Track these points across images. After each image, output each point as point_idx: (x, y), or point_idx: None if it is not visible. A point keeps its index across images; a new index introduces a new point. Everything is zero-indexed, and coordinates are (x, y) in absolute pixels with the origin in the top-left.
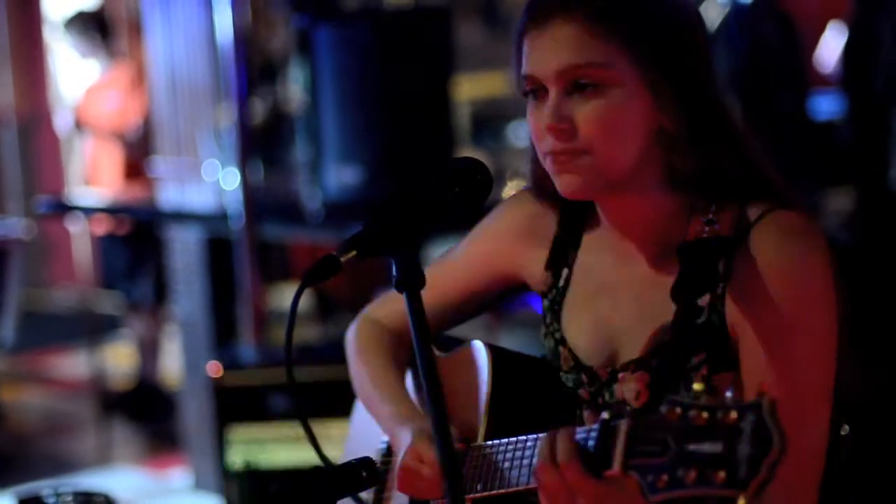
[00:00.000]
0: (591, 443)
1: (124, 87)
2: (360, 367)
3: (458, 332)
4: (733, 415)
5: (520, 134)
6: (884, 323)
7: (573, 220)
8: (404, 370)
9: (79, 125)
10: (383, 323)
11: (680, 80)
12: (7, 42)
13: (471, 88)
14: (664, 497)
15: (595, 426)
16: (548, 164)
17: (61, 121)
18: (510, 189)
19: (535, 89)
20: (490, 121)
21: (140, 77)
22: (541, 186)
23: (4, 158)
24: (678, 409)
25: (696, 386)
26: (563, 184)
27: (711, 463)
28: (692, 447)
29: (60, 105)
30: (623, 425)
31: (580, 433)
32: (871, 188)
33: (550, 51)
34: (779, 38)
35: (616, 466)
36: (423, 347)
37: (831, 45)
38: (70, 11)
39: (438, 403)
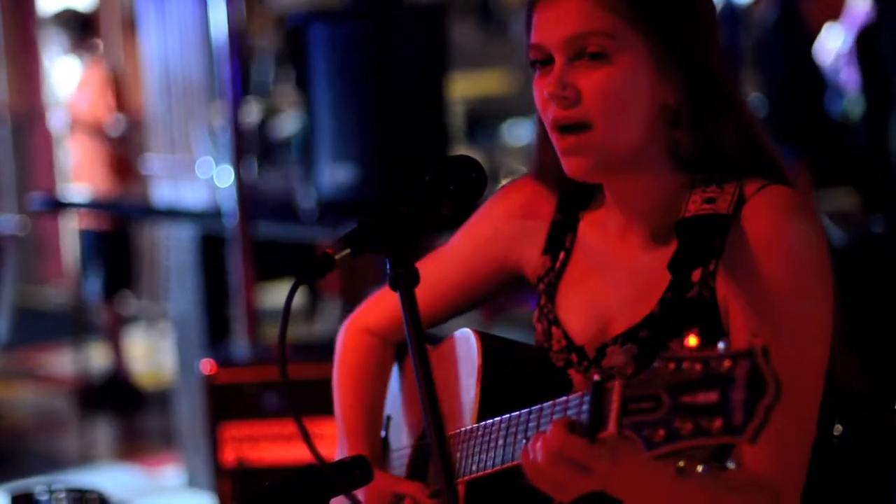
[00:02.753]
0: (584, 406)
1: (96, 85)
2: (336, 391)
3: (450, 328)
4: (727, 363)
5: (514, 133)
6: (885, 322)
7: (571, 204)
8: (382, 390)
9: (72, 123)
10: (372, 328)
11: (685, 56)
12: (1, 39)
13: (465, 87)
14: (662, 451)
15: (587, 391)
16: (554, 140)
17: (56, 119)
18: None
19: (542, 60)
20: (484, 119)
21: (111, 75)
22: (543, 168)
23: None
24: (671, 364)
25: (691, 340)
26: (571, 166)
27: (707, 412)
28: (687, 399)
29: (54, 102)
30: (616, 385)
31: (573, 400)
32: (874, 188)
33: (558, 20)
34: (793, 38)
35: (611, 426)
36: (418, 345)
37: (828, 45)
38: (58, 7)
39: (433, 403)
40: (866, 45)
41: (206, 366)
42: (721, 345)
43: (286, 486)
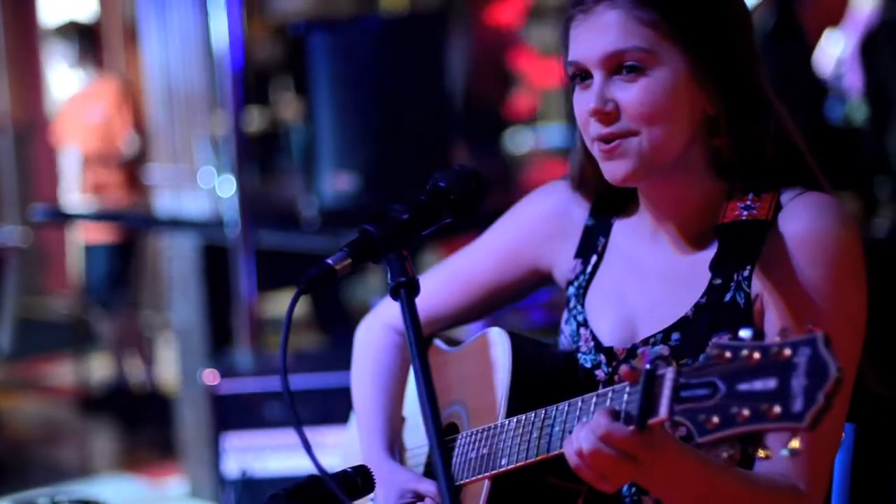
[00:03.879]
0: (631, 396)
1: (112, 99)
2: (355, 386)
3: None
4: (787, 351)
5: (515, 141)
6: (889, 326)
7: (605, 209)
8: (401, 387)
9: (86, 158)
10: (392, 324)
11: (723, 66)
12: (3, 49)
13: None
14: (716, 438)
15: (637, 381)
16: (595, 151)
17: (68, 159)
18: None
19: (580, 75)
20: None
21: (128, 90)
22: (581, 176)
23: (0, 166)
24: (727, 353)
25: (744, 332)
26: (611, 170)
27: (765, 399)
28: (743, 387)
29: (55, 114)
30: (669, 373)
31: (617, 389)
32: (877, 192)
33: (595, 37)
34: (794, 45)
35: (663, 413)
36: (419, 352)
37: (828, 52)
38: (61, 19)
39: (434, 409)
40: (869, 50)
41: (209, 376)
42: (777, 336)
43: (289, 497)
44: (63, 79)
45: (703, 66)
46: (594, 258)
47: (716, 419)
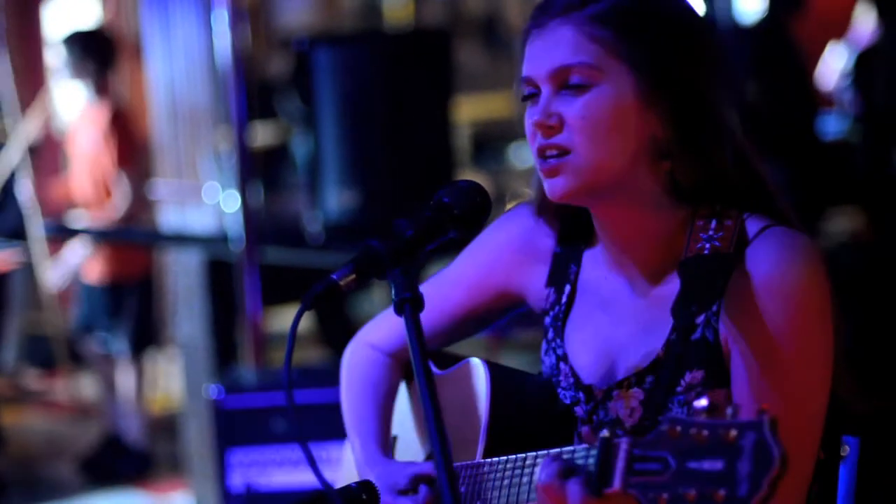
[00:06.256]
0: (591, 461)
1: (102, 127)
2: (345, 401)
3: (458, 351)
4: (733, 433)
5: (520, 155)
6: (889, 341)
7: (573, 236)
8: (391, 401)
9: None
10: (379, 346)
11: (676, 91)
12: (9, 63)
13: (471, 110)
14: None
15: (595, 444)
16: (537, 165)
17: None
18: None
19: (532, 92)
20: (490, 142)
21: (122, 119)
22: (543, 200)
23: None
24: (678, 428)
25: (701, 402)
26: (550, 187)
27: (712, 481)
28: (692, 465)
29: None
30: (623, 443)
31: (580, 451)
32: (876, 207)
33: (546, 52)
34: (784, 60)
35: (617, 484)
36: (423, 370)
37: (831, 66)
38: (71, 29)
39: (439, 423)
40: (865, 66)
41: (214, 391)
42: (729, 411)
43: None
44: (69, 94)
45: (651, 88)
46: (568, 288)
47: (665, 496)
